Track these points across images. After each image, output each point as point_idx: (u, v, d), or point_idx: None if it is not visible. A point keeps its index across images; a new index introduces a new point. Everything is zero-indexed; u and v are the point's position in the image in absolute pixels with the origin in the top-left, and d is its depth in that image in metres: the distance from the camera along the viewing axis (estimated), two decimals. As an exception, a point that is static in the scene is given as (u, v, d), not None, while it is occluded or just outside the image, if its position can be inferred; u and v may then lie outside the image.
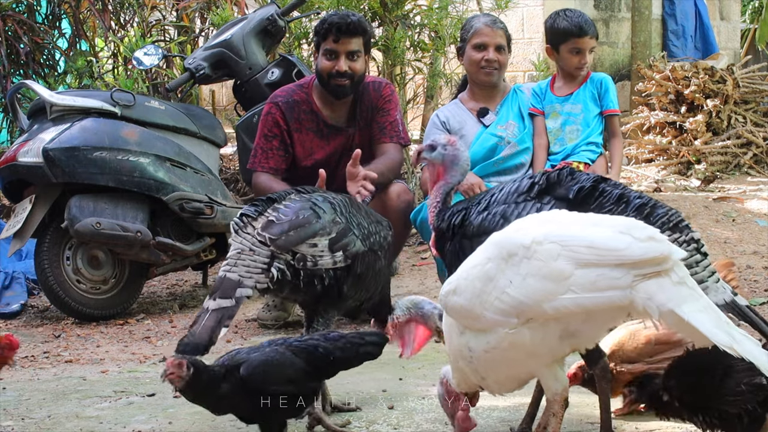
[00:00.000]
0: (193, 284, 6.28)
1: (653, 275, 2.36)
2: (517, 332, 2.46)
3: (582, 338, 2.53)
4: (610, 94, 4.55)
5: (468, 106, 4.72)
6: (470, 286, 2.52)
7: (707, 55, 10.60)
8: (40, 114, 5.42)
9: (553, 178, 3.04)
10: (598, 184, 2.98)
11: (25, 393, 3.87)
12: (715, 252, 6.19)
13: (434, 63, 7.51)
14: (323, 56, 4.57)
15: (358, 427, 3.24)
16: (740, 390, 2.61)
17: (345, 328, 4.87)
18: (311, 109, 4.67)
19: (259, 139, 4.70)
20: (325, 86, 4.62)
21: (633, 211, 2.87)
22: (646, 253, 2.38)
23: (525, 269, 2.44)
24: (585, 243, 2.41)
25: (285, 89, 4.80)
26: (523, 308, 2.44)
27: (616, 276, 2.37)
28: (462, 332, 2.56)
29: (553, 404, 2.59)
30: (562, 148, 4.52)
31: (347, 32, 4.54)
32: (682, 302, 2.35)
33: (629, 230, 2.44)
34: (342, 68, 4.53)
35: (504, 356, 2.51)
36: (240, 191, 7.38)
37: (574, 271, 2.39)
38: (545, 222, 2.55)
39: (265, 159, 4.65)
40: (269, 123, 4.68)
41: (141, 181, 5.26)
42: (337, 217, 3.29)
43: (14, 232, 5.22)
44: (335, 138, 4.66)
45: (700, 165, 8.39)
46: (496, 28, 4.64)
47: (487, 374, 2.57)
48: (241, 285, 3.08)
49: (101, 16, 7.98)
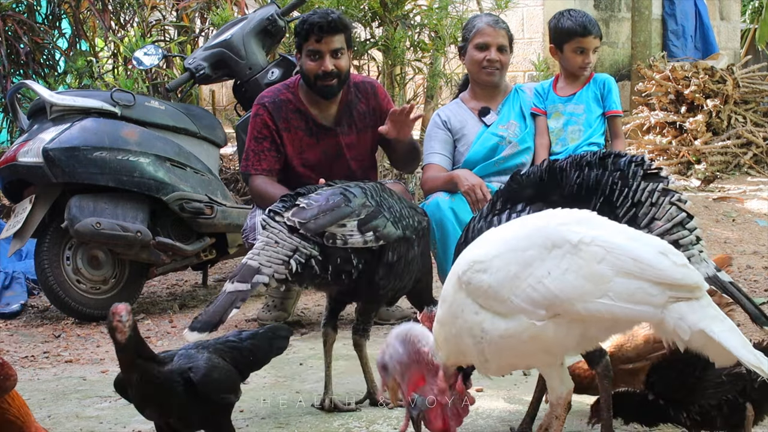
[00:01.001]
0: (193, 284, 6.28)
1: (685, 299, 2.41)
2: (542, 326, 2.45)
3: (594, 342, 2.55)
4: (613, 95, 4.55)
5: (469, 106, 4.72)
6: (504, 268, 2.49)
7: (707, 55, 10.61)
8: (40, 114, 5.41)
9: (513, 186, 3.10)
10: (553, 164, 3.04)
11: (25, 393, 3.84)
12: (715, 252, 6.19)
13: (434, 63, 7.52)
14: (307, 57, 4.52)
15: (358, 427, 3.24)
16: (720, 381, 2.70)
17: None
18: (299, 109, 4.64)
19: (249, 142, 4.65)
20: (312, 87, 4.57)
21: (597, 163, 2.95)
22: (683, 278, 2.42)
23: (566, 264, 2.44)
24: (630, 255, 2.43)
25: (271, 90, 4.77)
26: (555, 302, 2.44)
27: (653, 293, 2.40)
28: (477, 312, 2.52)
29: (556, 407, 2.58)
30: (564, 149, 4.52)
31: (329, 30, 4.48)
32: (712, 323, 2.38)
33: (666, 252, 2.47)
34: (328, 68, 4.48)
35: (519, 345, 2.49)
36: (240, 191, 7.38)
37: (614, 278, 2.41)
38: (585, 222, 2.55)
39: (258, 161, 4.62)
40: (258, 125, 4.65)
41: (141, 181, 5.26)
42: (367, 201, 3.36)
43: (14, 232, 5.22)
44: (325, 137, 4.63)
45: (700, 165, 8.40)
46: (498, 28, 4.64)
47: (492, 357, 2.54)
48: (259, 272, 3.19)
49: (101, 16, 7.98)
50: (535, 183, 3.05)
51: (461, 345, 2.58)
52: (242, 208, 5.58)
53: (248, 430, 3.25)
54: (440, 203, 4.42)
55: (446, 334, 2.62)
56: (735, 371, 2.68)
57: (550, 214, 2.64)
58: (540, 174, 3.05)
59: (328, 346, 3.53)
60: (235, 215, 5.49)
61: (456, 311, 2.57)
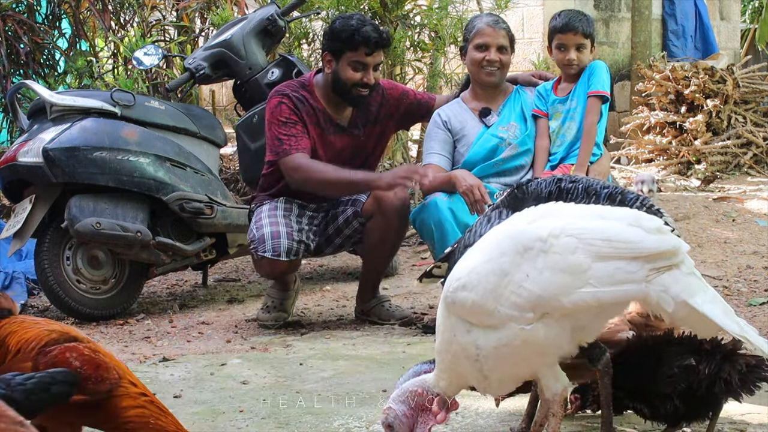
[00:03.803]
0: (193, 284, 6.28)
1: (666, 268, 2.40)
2: (532, 328, 2.45)
3: (588, 332, 2.54)
4: (597, 76, 4.46)
5: (470, 106, 4.72)
6: (483, 281, 2.49)
7: (707, 55, 10.60)
8: (40, 114, 5.41)
9: (518, 195, 3.08)
10: (560, 184, 3.02)
11: (25, 393, 3.85)
12: (715, 252, 6.19)
13: (434, 63, 7.52)
14: (350, 66, 4.58)
15: (357, 427, 3.24)
16: (673, 373, 2.78)
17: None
18: (316, 107, 4.69)
19: (278, 129, 4.61)
20: (344, 94, 4.64)
21: (605, 200, 2.93)
22: (659, 246, 2.40)
23: (542, 263, 2.43)
24: (602, 236, 2.42)
25: (288, 84, 4.80)
26: (540, 302, 2.43)
27: (632, 269, 2.39)
28: (469, 330, 2.53)
29: (552, 404, 2.58)
30: (561, 146, 4.51)
31: (380, 46, 4.58)
32: (695, 293, 2.38)
33: (637, 222, 2.47)
34: (371, 81, 4.59)
35: (514, 353, 2.49)
36: (240, 191, 7.38)
37: (591, 264, 2.40)
38: (551, 215, 2.54)
39: (296, 141, 4.59)
40: (285, 111, 4.63)
41: (141, 181, 5.26)
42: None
43: (14, 232, 5.21)
44: (341, 138, 4.69)
45: (700, 165, 8.40)
46: (498, 28, 4.64)
47: (491, 373, 2.55)
48: None
49: (101, 16, 7.97)
50: (539, 198, 3.02)
51: (459, 368, 2.59)
52: (242, 208, 5.58)
53: (248, 430, 3.25)
54: (439, 203, 4.42)
55: (444, 361, 2.63)
56: (686, 363, 2.76)
57: (516, 217, 2.64)
58: (548, 190, 3.02)
59: None
60: (235, 215, 5.49)
61: (449, 337, 2.58)
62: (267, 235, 4.61)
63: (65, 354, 2.54)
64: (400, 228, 4.78)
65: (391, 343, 4.48)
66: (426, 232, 4.52)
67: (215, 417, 3.39)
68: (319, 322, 5.06)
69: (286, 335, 4.76)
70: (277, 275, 4.81)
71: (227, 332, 4.86)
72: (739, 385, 2.74)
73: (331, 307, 5.38)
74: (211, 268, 6.12)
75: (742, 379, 2.73)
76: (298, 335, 4.75)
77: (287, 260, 4.63)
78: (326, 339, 4.62)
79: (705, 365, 2.75)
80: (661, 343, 2.88)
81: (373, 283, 4.96)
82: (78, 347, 2.56)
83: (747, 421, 3.10)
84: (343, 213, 4.80)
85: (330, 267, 6.53)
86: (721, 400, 2.83)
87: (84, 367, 2.51)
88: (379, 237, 4.74)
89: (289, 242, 4.61)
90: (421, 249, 6.56)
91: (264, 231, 4.63)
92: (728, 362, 2.74)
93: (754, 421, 3.10)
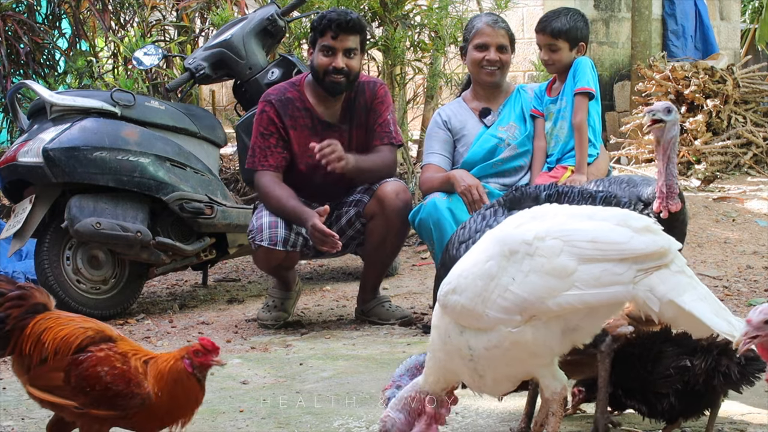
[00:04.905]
0: (193, 284, 6.28)
1: (655, 269, 2.37)
2: (519, 331, 2.45)
3: (582, 333, 2.52)
4: (581, 74, 4.43)
5: (470, 106, 4.72)
6: (471, 285, 2.50)
7: (707, 55, 10.60)
8: (40, 114, 5.41)
9: (516, 195, 3.07)
10: (558, 189, 3.02)
11: (25, 393, 3.85)
12: (715, 252, 6.20)
13: (434, 63, 7.52)
14: (320, 52, 4.62)
15: (358, 427, 3.24)
16: (669, 373, 2.81)
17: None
18: (304, 107, 4.70)
19: (255, 138, 4.72)
20: (320, 83, 4.66)
21: (601, 203, 2.92)
22: (647, 247, 2.38)
23: (528, 266, 2.43)
24: (587, 238, 2.41)
25: (277, 87, 4.83)
26: (526, 305, 2.43)
27: (619, 271, 2.37)
28: (462, 331, 2.55)
29: (552, 403, 2.58)
30: (556, 145, 4.51)
31: (346, 29, 4.58)
32: (683, 292, 2.35)
33: (626, 221, 2.45)
34: (339, 65, 4.58)
35: (505, 355, 2.50)
36: (240, 191, 7.38)
37: (577, 267, 2.39)
38: (540, 217, 2.54)
39: (264, 157, 4.68)
40: (264, 121, 4.71)
41: (141, 181, 5.26)
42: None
43: (14, 232, 5.21)
44: (330, 135, 4.67)
45: (700, 165, 8.40)
46: (497, 28, 4.64)
47: (485, 373, 2.55)
48: None
49: (101, 16, 7.98)
50: (537, 199, 3.02)
51: (453, 366, 2.60)
52: (242, 208, 5.58)
53: (248, 430, 3.25)
54: (437, 203, 4.42)
55: (437, 360, 2.64)
56: (681, 364, 2.78)
57: (506, 221, 2.64)
58: (546, 194, 3.01)
59: None
60: (235, 215, 5.49)
61: (444, 337, 2.59)
62: (265, 225, 4.63)
63: (96, 368, 2.53)
64: (402, 229, 4.78)
65: (391, 343, 4.48)
66: (425, 232, 4.52)
67: (215, 417, 3.39)
68: (319, 322, 5.06)
69: (286, 335, 4.76)
70: (274, 267, 4.81)
71: (227, 332, 4.86)
72: (738, 378, 2.74)
73: (331, 307, 5.38)
74: (211, 268, 6.12)
75: (741, 371, 2.74)
76: (298, 335, 4.75)
77: (283, 250, 4.62)
78: (326, 339, 4.62)
79: (701, 361, 2.76)
80: (658, 341, 2.89)
81: (373, 283, 4.96)
82: (110, 359, 2.55)
83: (747, 421, 3.10)
84: (346, 214, 4.80)
85: (330, 267, 6.53)
86: (719, 395, 2.84)
87: (115, 382, 2.51)
88: (380, 238, 4.75)
89: (286, 232, 4.62)
90: (421, 249, 6.56)
91: (263, 221, 4.65)
92: (725, 356, 2.75)
93: (754, 421, 3.11)
